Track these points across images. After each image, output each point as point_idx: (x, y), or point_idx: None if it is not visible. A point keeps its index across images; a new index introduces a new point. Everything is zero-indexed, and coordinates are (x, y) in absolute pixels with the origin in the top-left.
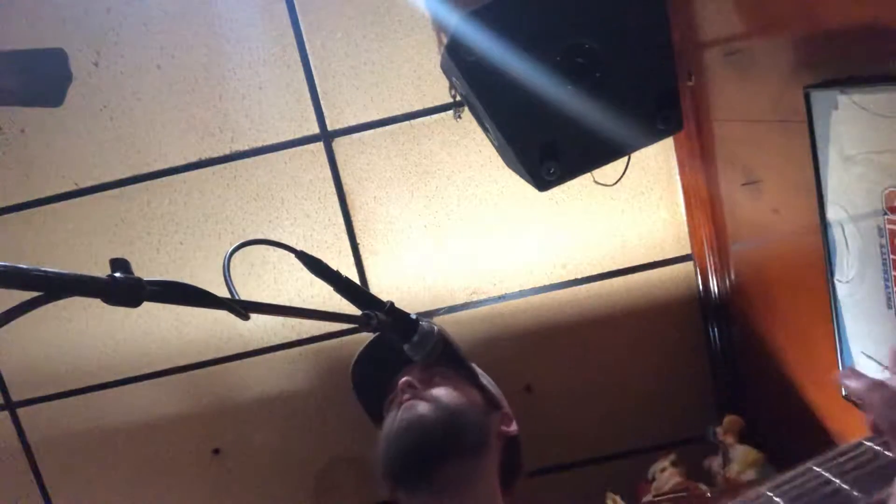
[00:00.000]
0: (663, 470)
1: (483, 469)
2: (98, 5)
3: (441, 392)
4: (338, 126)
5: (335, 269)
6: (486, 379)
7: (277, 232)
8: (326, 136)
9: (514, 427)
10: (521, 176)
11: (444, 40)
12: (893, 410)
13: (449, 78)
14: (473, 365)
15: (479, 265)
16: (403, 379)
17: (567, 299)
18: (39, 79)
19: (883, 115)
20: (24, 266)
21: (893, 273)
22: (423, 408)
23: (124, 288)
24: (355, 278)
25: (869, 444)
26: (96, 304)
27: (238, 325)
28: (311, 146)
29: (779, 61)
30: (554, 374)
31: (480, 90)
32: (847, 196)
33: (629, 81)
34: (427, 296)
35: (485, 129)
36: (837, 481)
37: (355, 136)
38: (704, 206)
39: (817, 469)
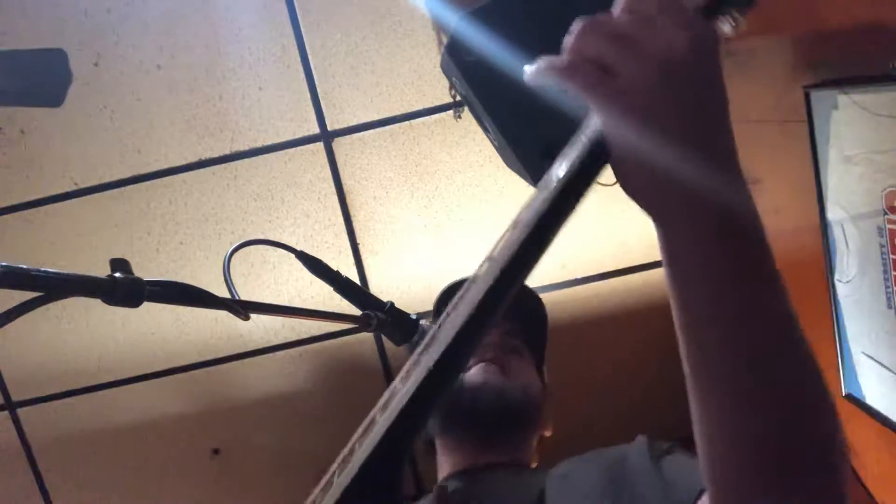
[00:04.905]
0: None
1: (531, 444)
2: (98, 5)
3: (521, 371)
4: (338, 126)
5: (335, 269)
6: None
7: (277, 232)
8: (326, 136)
9: (551, 429)
10: (521, 176)
11: (444, 40)
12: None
13: (449, 78)
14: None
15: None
16: (487, 340)
17: (567, 299)
18: (39, 79)
19: (883, 115)
20: (24, 266)
21: (893, 273)
22: (505, 379)
23: (124, 288)
24: (355, 278)
25: None
26: (96, 304)
27: (238, 325)
28: (311, 146)
29: (779, 61)
30: (553, 374)
31: (480, 90)
32: (847, 196)
33: None
34: (427, 296)
35: (485, 129)
36: None
37: (355, 136)
38: None
39: None
